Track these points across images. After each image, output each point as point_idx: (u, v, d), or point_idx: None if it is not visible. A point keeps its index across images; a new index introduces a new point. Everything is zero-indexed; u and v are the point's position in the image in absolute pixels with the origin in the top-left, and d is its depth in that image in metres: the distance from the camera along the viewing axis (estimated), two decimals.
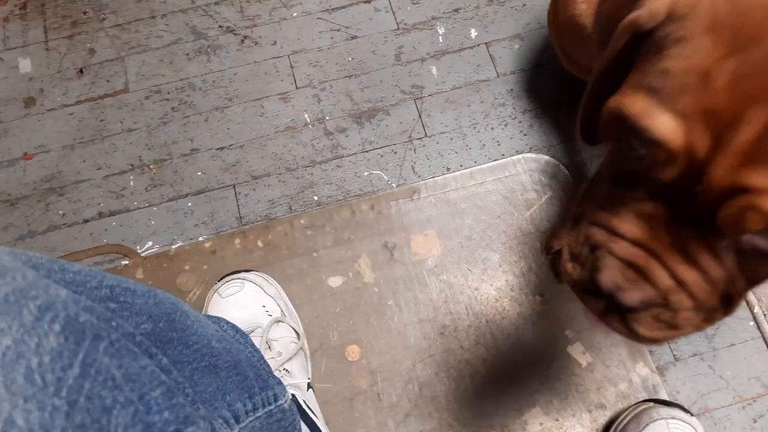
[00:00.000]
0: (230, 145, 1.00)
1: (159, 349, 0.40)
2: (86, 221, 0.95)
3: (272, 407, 0.55)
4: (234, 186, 0.97)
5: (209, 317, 0.59)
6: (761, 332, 0.86)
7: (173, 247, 0.93)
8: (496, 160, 0.98)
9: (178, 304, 0.47)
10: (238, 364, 0.52)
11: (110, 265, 0.93)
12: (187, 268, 0.92)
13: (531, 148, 0.98)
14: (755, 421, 0.83)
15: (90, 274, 0.40)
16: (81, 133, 1.01)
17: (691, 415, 0.78)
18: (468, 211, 0.94)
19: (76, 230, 0.95)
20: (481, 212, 0.94)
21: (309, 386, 0.78)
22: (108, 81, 1.04)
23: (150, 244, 0.94)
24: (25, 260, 0.36)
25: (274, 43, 1.06)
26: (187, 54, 1.05)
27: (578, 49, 0.85)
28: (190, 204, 0.96)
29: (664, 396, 0.83)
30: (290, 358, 0.76)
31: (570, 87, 0.99)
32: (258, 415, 0.53)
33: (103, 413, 0.32)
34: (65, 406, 0.30)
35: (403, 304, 0.89)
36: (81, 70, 1.04)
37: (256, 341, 0.75)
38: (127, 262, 0.92)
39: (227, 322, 0.60)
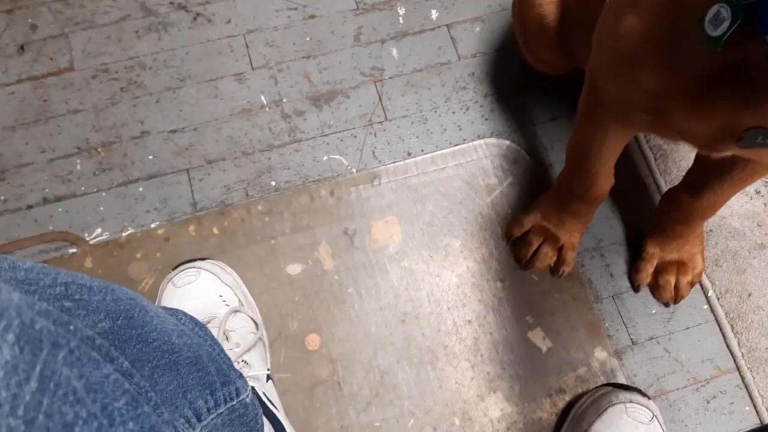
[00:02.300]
0: (183, 128, 0.96)
1: (118, 350, 0.37)
2: (30, 207, 0.90)
3: (234, 403, 0.53)
4: (187, 170, 0.94)
5: (167, 309, 0.57)
6: (714, 315, 0.88)
7: (124, 234, 0.90)
8: (457, 145, 0.96)
9: (137, 299, 0.44)
10: (198, 360, 0.49)
11: (57, 254, 0.88)
12: (138, 256, 0.88)
13: (492, 132, 0.98)
14: (708, 402, 0.85)
15: (43, 271, 0.37)
16: (23, 113, 0.95)
17: (649, 398, 0.79)
18: (429, 196, 0.93)
19: (19, 217, 0.90)
20: (443, 198, 0.93)
21: (268, 377, 0.76)
22: (51, 59, 0.98)
23: (99, 231, 0.90)
24: None
25: (229, 21, 1.02)
26: (137, 31, 1.00)
27: (542, 41, 0.85)
28: (141, 189, 0.92)
29: (621, 379, 0.85)
30: (249, 349, 0.74)
31: (531, 71, 0.98)
32: (220, 411, 0.51)
33: (65, 430, 0.30)
34: (22, 426, 0.27)
35: (363, 292, 0.88)
36: (22, 47, 0.99)
37: (213, 332, 0.73)
38: (74, 250, 0.88)
39: (185, 314, 0.58)
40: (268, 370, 0.77)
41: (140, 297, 0.45)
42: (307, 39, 1.02)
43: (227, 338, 0.73)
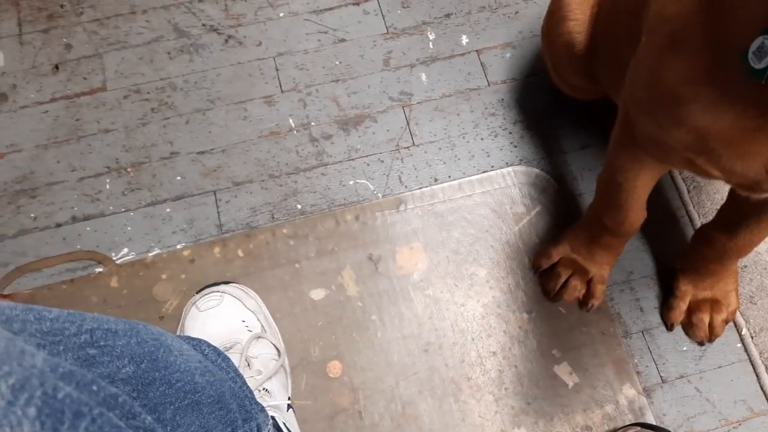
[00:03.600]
0: (211, 149, 0.96)
1: (141, 396, 0.37)
2: (59, 225, 0.91)
3: None
4: (215, 192, 0.94)
5: (191, 341, 0.57)
6: (748, 354, 0.85)
7: (150, 254, 0.90)
8: (485, 171, 0.95)
9: (161, 338, 0.44)
10: (221, 398, 0.49)
11: (83, 272, 0.89)
12: (164, 277, 0.89)
13: (521, 160, 0.96)
14: None
15: (69, 319, 0.37)
16: (55, 132, 0.96)
17: None
18: (455, 224, 0.92)
19: (48, 234, 0.91)
20: (469, 225, 0.92)
21: (289, 406, 0.75)
22: (85, 78, 1.00)
23: (126, 251, 0.90)
24: None
25: (259, 44, 1.02)
26: (169, 52, 1.01)
27: (570, 67, 0.84)
28: (168, 210, 0.93)
29: (650, 418, 0.82)
30: (270, 377, 0.73)
31: (561, 99, 0.97)
32: None
33: None
34: None
35: (386, 319, 0.87)
36: (56, 66, 1.00)
37: (235, 358, 0.72)
38: (101, 269, 0.89)
39: (208, 345, 0.57)
40: (289, 399, 0.76)
41: (164, 335, 0.45)
42: (337, 63, 1.02)
43: (249, 365, 0.73)
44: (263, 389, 0.72)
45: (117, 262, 0.89)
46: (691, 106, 0.52)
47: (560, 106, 0.99)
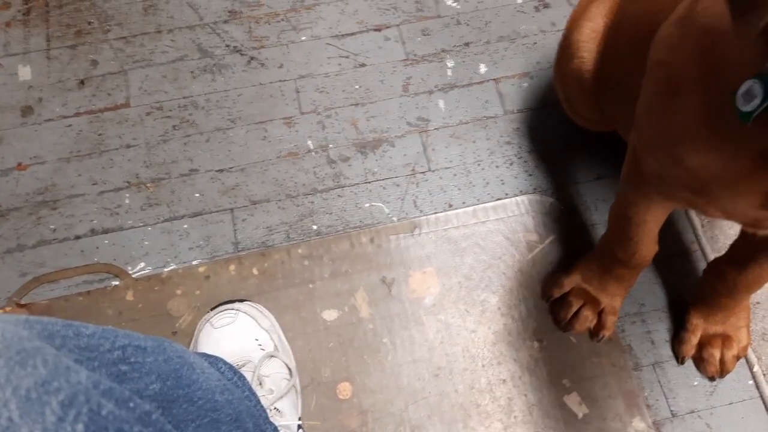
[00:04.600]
0: (230, 168, 0.98)
1: (165, 414, 0.38)
2: (78, 237, 0.93)
3: None
4: (232, 210, 0.95)
5: (208, 358, 0.58)
6: (760, 392, 0.85)
7: (166, 269, 0.91)
8: (499, 199, 0.96)
9: (185, 356, 0.46)
10: (239, 416, 0.50)
11: (100, 285, 0.90)
12: (179, 292, 0.90)
13: (535, 189, 0.97)
14: None
15: (103, 336, 0.39)
16: (78, 146, 0.98)
17: None
18: (469, 249, 0.93)
19: (66, 246, 0.92)
20: (482, 252, 0.93)
21: (299, 427, 0.75)
22: (109, 94, 1.02)
23: (142, 265, 0.91)
24: (41, 330, 0.34)
25: (281, 66, 1.04)
26: (192, 72, 1.04)
27: (581, 100, 0.85)
28: (185, 226, 0.94)
29: None
30: (282, 397, 0.74)
31: (576, 129, 0.98)
32: None
33: None
34: None
35: (398, 343, 0.87)
36: (82, 82, 1.02)
37: (248, 376, 0.73)
38: (117, 282, 0.90)
39: (224, 363, 0.58)
40: (300, 419, 0.76)
41: (187, 352, 0.46)
42: (357, 87, 1.03)
43: (261, 384, 0.74)
44: (274, 408, 0.72)
45: (133, 275, 0.91)
46: (688, 147, 0.53)
47: (575, 136, 1.00)
